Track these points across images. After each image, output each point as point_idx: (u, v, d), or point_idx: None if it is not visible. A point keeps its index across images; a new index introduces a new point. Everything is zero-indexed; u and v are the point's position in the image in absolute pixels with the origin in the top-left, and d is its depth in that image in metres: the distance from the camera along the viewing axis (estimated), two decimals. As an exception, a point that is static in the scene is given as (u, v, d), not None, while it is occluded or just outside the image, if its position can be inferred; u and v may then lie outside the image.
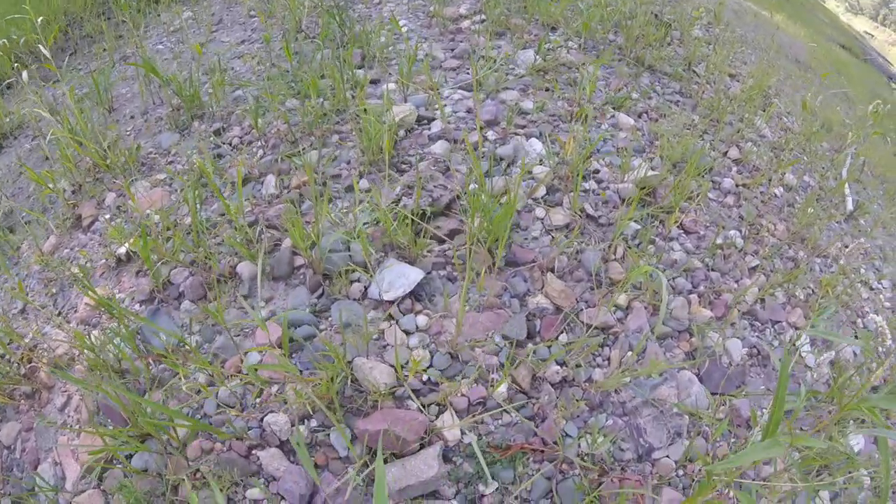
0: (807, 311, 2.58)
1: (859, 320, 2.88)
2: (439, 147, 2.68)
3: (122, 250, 2.37)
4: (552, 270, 2.24)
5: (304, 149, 2.73)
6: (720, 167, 3.02)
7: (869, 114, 4.34)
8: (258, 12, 4.21)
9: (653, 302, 2.21)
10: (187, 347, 1.97)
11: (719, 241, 2.58)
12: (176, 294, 2.22)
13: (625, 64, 3.66)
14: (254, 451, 1.79)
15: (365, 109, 2.69)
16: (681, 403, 1.94)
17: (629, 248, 2.36)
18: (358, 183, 2.53)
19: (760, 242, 2.72)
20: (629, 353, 2.04)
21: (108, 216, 2.65)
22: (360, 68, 3.42)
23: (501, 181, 2.50)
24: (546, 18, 3.93)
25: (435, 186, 2.50)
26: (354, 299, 2.08)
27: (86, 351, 1.98)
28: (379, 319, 2.07)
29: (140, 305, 2.23)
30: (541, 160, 2.63)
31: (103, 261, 2.45)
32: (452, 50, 3.54)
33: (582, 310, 2.16)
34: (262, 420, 1.84)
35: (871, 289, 3.14)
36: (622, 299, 2.18)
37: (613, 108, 3.13)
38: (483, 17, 3.98)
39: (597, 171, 2.65)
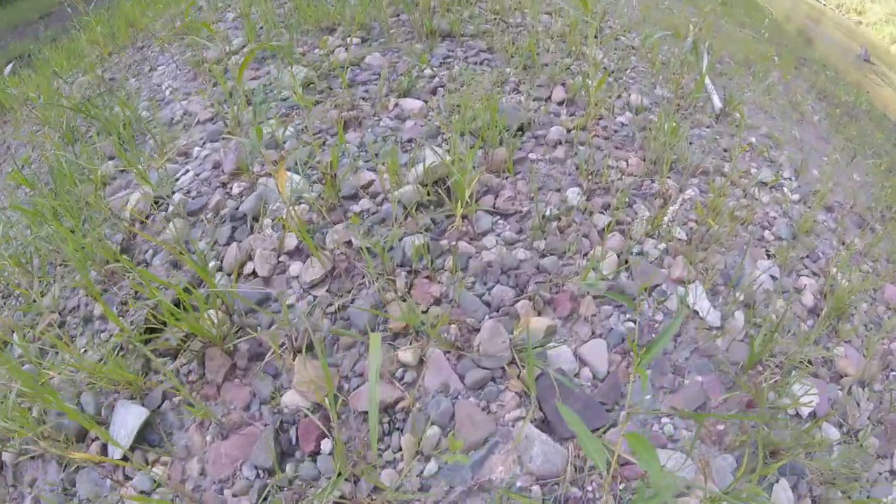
0: (693, 253, 1.97)
1: (766, 232, 2.29)
2: (172, 231, 2.03)
3: None
4: (306, 349, 1.59)
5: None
6: (542, 118, 2.42)
7: (718, 4, 3.84)
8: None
9: (456, 343, 1.57)
10: None
11: (551, 210, 1.96)
12: None
13: (416, 41, 3.06)
14: None
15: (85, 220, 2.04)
16: (509, 490, 1.30)
17: (415, 273, 1.73)
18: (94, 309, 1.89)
19: (609, 190, 2.12)
20: (430, 431, 1.40)
21: None
22: (112, 158, 2.77)
23: (245, 245, 1.87)
24: (323, 23, 3.32)
25: (158, 288, 1.85)
26: (96, 464, 1.42)
27: None
28: (119, 484, 1.42)
29: None
30: (297, 198, 2.00)
31: None
32: (211, 97, 2.91)
33: (353, 390, 1.52)
34: None
35: (772, 187, 2.56)
36: (408, 355, 1.54)
37: (398, 97, 2.52)
38: (254, 45, 3.35)
39: (370, 184, 2.02)
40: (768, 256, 2.16)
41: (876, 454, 1.88)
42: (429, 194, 1.94)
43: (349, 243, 1.86)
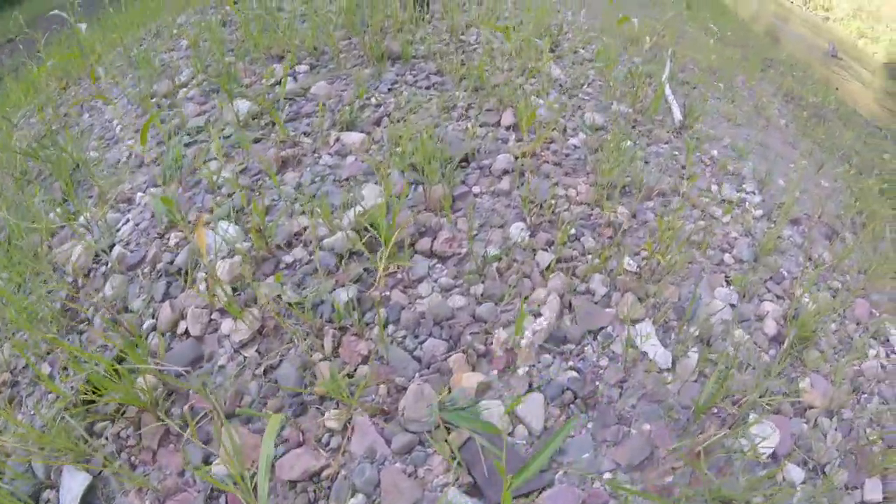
0: (641, 288, 1.88)
1: (727, 255, 2.20)
2: (110, 288, 1.94)
3: None
4: (233, 415, 1.50)
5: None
6: (488, 146, 2.33)
7: (683, 9, 3.74)
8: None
9: (382, 406, 1.48)
10: None
11: (492, 250, 1.87)
12: None
13: (366, 66, 2.97)
14: None
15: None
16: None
17: (343, 330, 1.64)
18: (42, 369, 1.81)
19: (556, 223, 2.03)
20: (354, 500, 1.31)
21: None
22: (65, 201, 2.68)
23: (179, 302, 1.78)
24: (273, 49, 3.23)
25: (96, 350, 1.77)
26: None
27: None
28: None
29: None
30: (229, 251, 1.91)
31: None
32: (156, 136, 2.82)
33: (280, 457, 1.44)
34: None
35: (734, 203, 2.47)
36: (333, 422, 1.45)
37: (340, 130, 2.43)
38: (203, 76, 3.27)
39: (303, 231, 1.93)
40: (728, 283, 2.06)
41: (845, 487, 1.79)
42: (362, 240, 1.85)
43: (279, 298, 1.77)
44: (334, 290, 1.76)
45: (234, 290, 1.80)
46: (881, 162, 4.15)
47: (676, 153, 2.58)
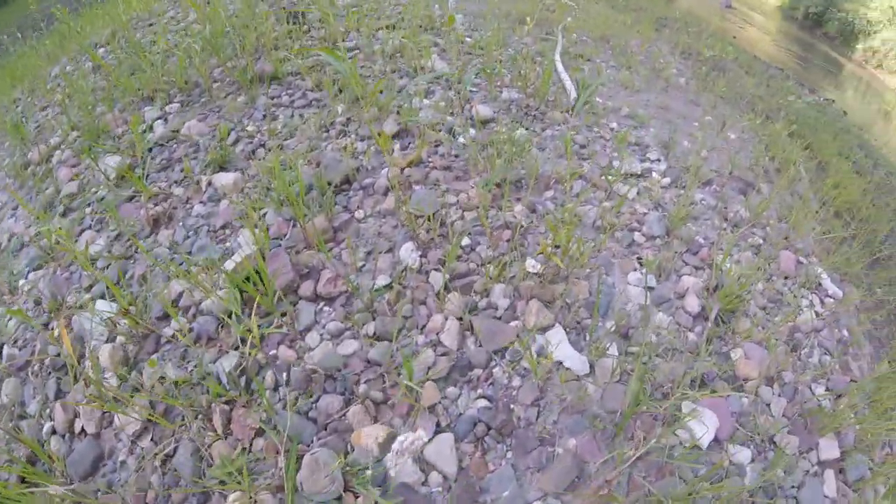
0: (547, 291, 1.74)
1: (637, 234, 2.08)
2: (5, 394, 1.72)
3: None
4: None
5: None
6: (371, 161, 2.15)
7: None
8: None
9: (280, 483, 1.30)
10: None
11: (381, 281, 1.70)
12: None
13: (240, 93, 2.75)
14: None
15: None
16: None
17: (232, 403, 1.45)
18: None
19: (448, 236, 1.87)
20: None
21: None
22: None
23: (71, 398, 1.56)
24: (144, 90, 2.97)
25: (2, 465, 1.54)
26: None
27: None
28: None
29: None
30: (109, 335, 1.69)
31: None
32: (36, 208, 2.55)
33: None
34: None
35: (639, 176, 2.36)
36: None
37: (212, 172, 2.22)
38: (75, 133, 2.99)
39: (179, 297, 1.73)
40: (640, 265, 1.94)
41: (798, 452, 1.69)
42: (241, 297, 1.65)
43: (163, 379, 1.57)
44: (217, 359, 1.57)
45: (120, 377, 1.59)
46: (786, 104, 4.15)
47: (574, 133, 2.46)
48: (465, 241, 1.82)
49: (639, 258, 1.97)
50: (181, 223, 2.05)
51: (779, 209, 2.57)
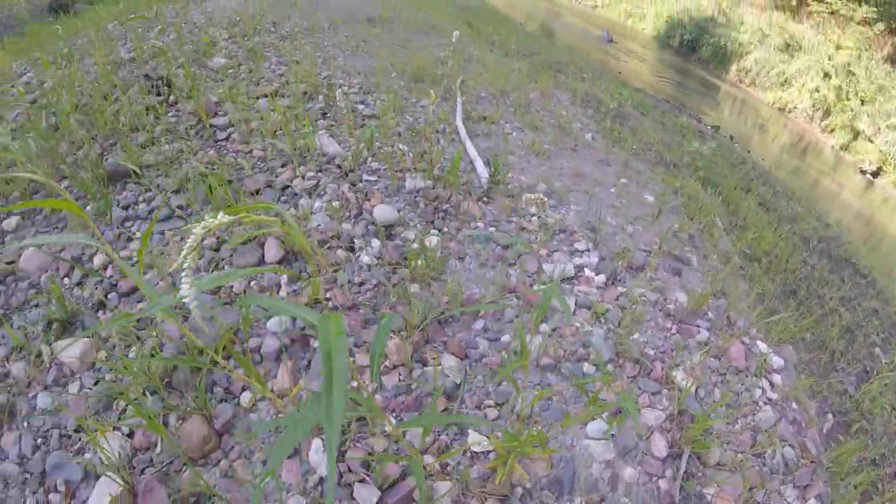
0: (504, 485, 1.38)
1: (585, 364, 1.78)
2: None
3: None
4: None
5: None
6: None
7: (464, 30, 3.30)
8: None
9: None
10: None
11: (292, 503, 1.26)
12: None
13: (86, 203, 2.17)
14: None
15: None
16: None
17: None
18: None
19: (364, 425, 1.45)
20: None
21: None
22: None
23: None
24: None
25: None
26: None
27: None
28: None
29: None
30: None
31: None
32: None
33: None
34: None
35: (573, 279, 2.06)
36: None
37: (56, 338, 1.67)
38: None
39: None
40: (598, 415, 1.63)
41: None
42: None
43: None
44: None
45: None
46: (685, 145, 4.09)
47: (493, 228, 2.13)
48: (392, 419, 1.43)
49: (595, 402, 1.66)
50: (25, 426, 1.50)
51: (712, 283, 2.38)
